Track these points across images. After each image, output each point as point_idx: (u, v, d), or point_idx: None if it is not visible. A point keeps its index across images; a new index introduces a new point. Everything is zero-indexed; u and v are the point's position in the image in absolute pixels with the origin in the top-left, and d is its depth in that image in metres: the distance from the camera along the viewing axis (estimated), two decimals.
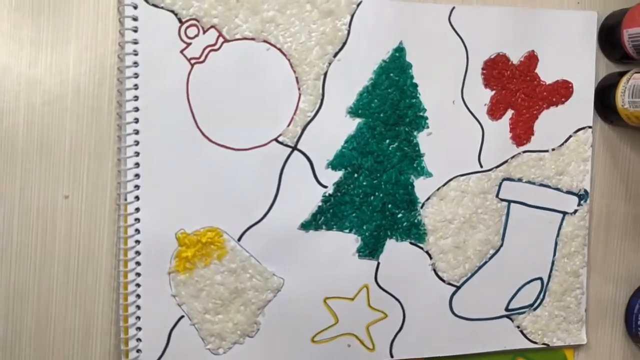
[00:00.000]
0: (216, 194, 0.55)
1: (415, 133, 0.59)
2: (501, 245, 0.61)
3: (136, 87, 0.53)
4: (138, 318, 0.54)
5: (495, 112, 0.60)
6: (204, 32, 0.54)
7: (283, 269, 0.57)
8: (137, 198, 0.53)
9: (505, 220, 0.61)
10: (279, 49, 0.55)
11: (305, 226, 0.57)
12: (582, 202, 0.62)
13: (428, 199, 0.59)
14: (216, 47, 0.54)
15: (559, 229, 0.62)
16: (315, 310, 0.57)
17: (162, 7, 0.53)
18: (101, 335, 0.54)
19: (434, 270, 0.60)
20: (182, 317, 0.55)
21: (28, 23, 0.52)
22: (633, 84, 0.59)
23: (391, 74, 0.58)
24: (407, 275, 0.59)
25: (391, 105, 0.58)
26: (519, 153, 0.61)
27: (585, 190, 0.62)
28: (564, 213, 0.62)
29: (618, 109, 0.60)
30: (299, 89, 0.56)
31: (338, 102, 0.57)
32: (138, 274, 0.54)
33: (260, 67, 0.55)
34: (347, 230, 0.58)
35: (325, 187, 0.57)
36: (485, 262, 0.61)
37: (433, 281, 0.60)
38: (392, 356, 0.60)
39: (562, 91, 0.62)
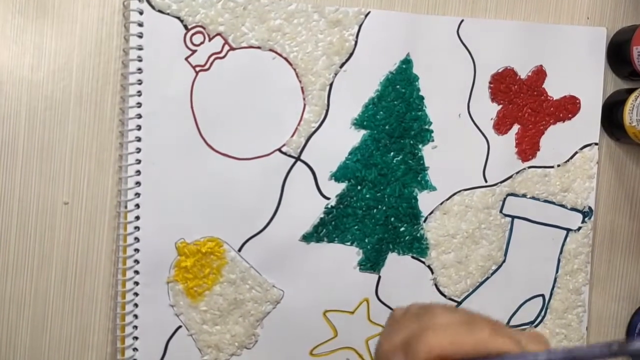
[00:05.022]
0: (217, 203, 0.54)
1: (420, 146, 0.58)
2: (503, 261, 0.61)
3: (139, 93, 0.52)
4: (135, 327, 0.53)
5: (501, 126, 0.60)
6: (210, 39, 0.53)
7: (283, 280, 0.56)
8: (137, 206, 0.53)
9: (508, 236, 0.61)
10: (285, 58, 0.55)
11: (307, 238, 0.56)
12: (586, 219, 0.62)
13: (431, 213, 0.59)
14: (222, 55, 0.54)
15: (562, 245, 0.62)
16: (315, 323, 0.57)
17: (168, 14, 0.52)
18: (97, 344, 0.54)
19: (436, 285, 0.59)
20: (180, 327, 0.54)
21: (32, 27, 0.51)
22: None
23: (397, 86, 0.57)
24: (408, 290, 0.58)
25: (397, 117, 0.57)
26: (524, 168, 0.61)
27: (590, 208, 0.62)
28: (568, 230, 0.62)
29: (625, 127, 0.60)
30: (304, 99, 0.56)
31: (343, 113, 0.56)
32: (136, 283, 0.53)
33: (266, 76, 0.55)
34: (349, 243, 0.57)
35: (328, 198, 0.57)
36: (487, 278, 0.60)
37: (434, 296, 0.59)
38: None
39: (569, 107, 0.61)
